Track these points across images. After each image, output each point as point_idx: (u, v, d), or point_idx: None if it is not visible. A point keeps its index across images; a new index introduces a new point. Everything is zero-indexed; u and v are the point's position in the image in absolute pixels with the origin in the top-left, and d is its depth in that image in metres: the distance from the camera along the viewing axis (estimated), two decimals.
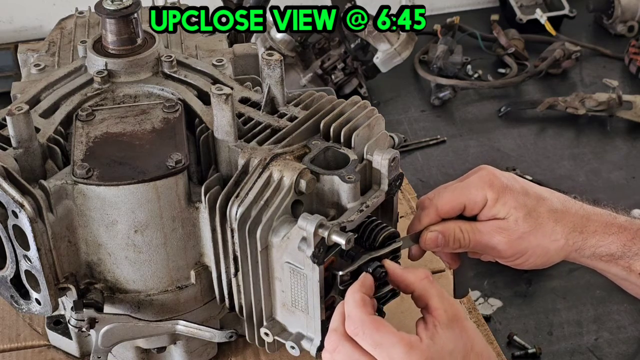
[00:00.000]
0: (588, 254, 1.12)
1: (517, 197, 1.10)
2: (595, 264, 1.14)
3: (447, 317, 0.95)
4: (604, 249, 1.12)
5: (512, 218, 1.09)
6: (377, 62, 2.41)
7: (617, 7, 2.80)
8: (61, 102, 1.17)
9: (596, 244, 1.11)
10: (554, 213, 1.11)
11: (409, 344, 0.92)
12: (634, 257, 1.12)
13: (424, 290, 0.97)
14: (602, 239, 1.11)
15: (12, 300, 1.12)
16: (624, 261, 1.12)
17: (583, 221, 1.12)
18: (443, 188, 1.13)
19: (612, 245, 1.11)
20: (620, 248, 1.11)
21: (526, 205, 1.10)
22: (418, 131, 2.38)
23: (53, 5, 2.62)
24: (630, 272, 1.13)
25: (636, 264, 1.12)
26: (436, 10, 2.97)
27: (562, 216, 1.11)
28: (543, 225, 1.10)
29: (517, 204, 1.10)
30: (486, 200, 1.10)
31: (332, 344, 0.96)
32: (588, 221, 1.12)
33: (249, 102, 1.19)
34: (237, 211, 1.03)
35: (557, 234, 1.10)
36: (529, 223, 1.09)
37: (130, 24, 1.17)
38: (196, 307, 1.18)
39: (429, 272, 0.99)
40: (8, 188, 1.02)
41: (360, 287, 0.97)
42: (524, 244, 1.10)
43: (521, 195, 1.10)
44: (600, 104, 2.35)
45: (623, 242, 1.11)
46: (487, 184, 1.11)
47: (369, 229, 1.03)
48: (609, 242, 1.11)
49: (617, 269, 1.13)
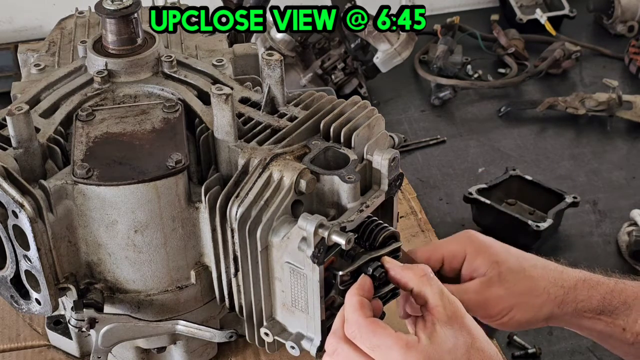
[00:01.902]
0: (571, 309, 1.11)
1: (498, 253, 1.11)
2: (580, 322, 1.13)
3: (446, 315, 0.95)
4: (586, 304, 1.11)
5: (494, 272, 1.09)
6: (377, 62, 2.41)
7: (617, 7, 2.80)
8: (61, 102, 1.17)
9: (577, 298, 1.11)
10: (535, 268, 1.11)
11: (406, 344, 0.92)
12: (615, 311, 1.12)
13: (423, 288, 0.97)
14: (582, 292, 1.11)
15: (12, 300, 1.12)
16: (606, 316, 1.12)
17: (563, 276, 1.12)
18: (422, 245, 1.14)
19: (592, 300, 1.11)
20: (601, 302, 1.11)
21: (508, 260, 1.10)
22: (418, 131, 2.38)
23: (53, 5, 2.62)
24: (614, 327, 1.12)
25: (619, 319, 1.12)
26: (436, 10, 2.96)
27: (543, 272, 1.12)
28: (526, 280, 1.10)
29: (498, 258, 1.10)
30: (465, 254, 1.10)
31: (331, 346, 0.96)
32: (567, 276, 1.13)
33: (249, 102, 1.19)
34: (237, 211, 1.03)
35: (539, 289, 1.10)
36: (513, 278, 1.09)
37: (130, 24, 1.17)
38: (196, 307, 1.18)
39: (429, 269, 0.99)
40: (8, 188, 1.02)
41: (358, 290, 0.97)
42: (510, 299, 1.09)
43: (502, 251, 1.11)
44: (600, 104, 2.35)
45: (602, 295, 1.11)
46: (466, 240, 1.12)
47: (369, 229, 1.03)
48: (589, 295, 1.11)
49: (602, 325, 1.12)
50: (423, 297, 0.97)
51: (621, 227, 1.95)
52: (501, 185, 1.99)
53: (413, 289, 0.98)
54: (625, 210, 1.99)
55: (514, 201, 2.00)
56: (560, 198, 1.93)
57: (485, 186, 1.96)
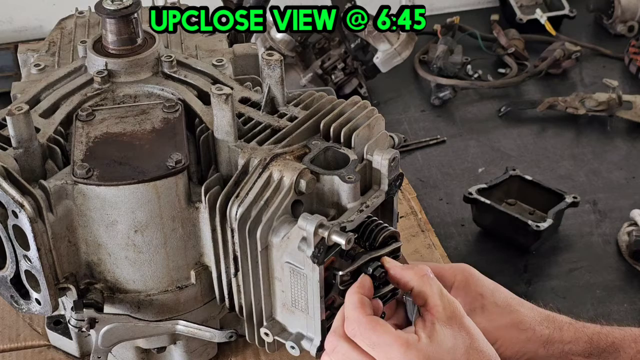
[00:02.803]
0: (557, 351, 1.10)
1: (485, 286, 1.11)
2: None
3: (446, 315, 0.95)
4: (573, 346, 1.11)
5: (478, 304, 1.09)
6: (377, 62, 2.40)
7: (617, 7, 2.79)
8: (61, 102, 1.17)
9: (563, 339, 1.11)
10: (522, 306, 1.12)
11: (406, 343, 0.92)
12: (603, 354, 1.11)
13: (423, 287, 0.97)
14: (568, 334, 1.11)
15: (12, 300, 1.12)
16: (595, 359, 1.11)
17: (549, 318, 1.12)
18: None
19: (579, 342, 1.11)
20: (588, 343, 1.11)
21: (494, 295, 1.11)
22: (418, 131, 2.37)
23: (53, 5, 2.61)
24: None
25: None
26: (436, 10, 2.96)
27: (529, 311, 1.12)
28: (512, 314, 1.10)
29: (484, 292, 1.10)
30: (453, 282, 1.10)
31: (330, 344, 0.97)
32: (554, 318, 1.13)
33: (249, 102, 1.19)
34: (237, 211, 1.03)
35: (525, 324, 1.10)
36: (498, 311, 1.09)
37: (130, 24, 1.17)
38: (196, 307, 1.18)
39: (429, 269, 0.99)
40: (8, 188, 1.02)
41: (358, 288, 0.97)
42: (494, 332, 1.08)
43: (490, 287, 1.11)
44: (600, 104, 2.35)
45: (589, 337, 1.11)
46: (459, 270, 1.12)
47: (369, 229, 1.03)
48: (576, 337, 1.11)
49: None
50: (423, 297, 0.97)
51: (621, 227, 1.94)
52: (501, 185, 1.99)
53: (413, 288, 0.98)
54: (625, 210, 1.99)
55: (514, 201, 2.00)
56: (560, 198, 1.92)
57: (485, 186, 1.95)
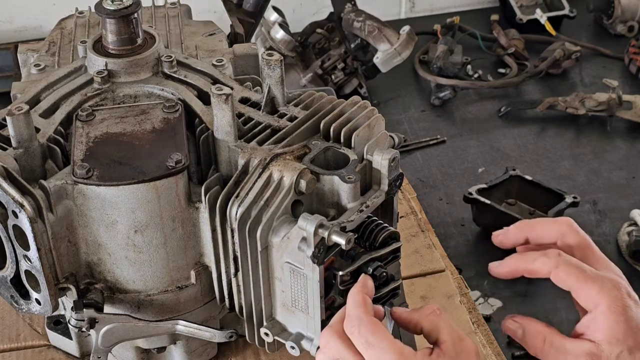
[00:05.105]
0: None
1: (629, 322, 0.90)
2: None
3: (455, 351, 0.91)
4: None
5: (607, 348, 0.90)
6: (377, 62, 2.40)
7: (617, 7, 2.79)
8: (61, 102, 1.17)
9: None
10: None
11: (401, 353, 0.89)
12: None
13: (433, 325, 0.94)
14: None
15: (12, 300, 1.12)
16: None
17: None
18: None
19: None
20: None
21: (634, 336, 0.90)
22: (418, 131, 2.37)
23: (53, 5, 2.61)
24: None
25: None
26: (436, 10, 2.96)
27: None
28: None
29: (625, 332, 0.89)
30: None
31: (324, 339, 0.95)
32: None
33: (249, 102, 1.19)
34: (237, 211, 1.03)
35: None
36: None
37: (130, 24, 1.17)
38: (196, 307, 1.18)
39: (438, 306, 0.96)
40: (8, 188, 1.02)
41: (362, 288, 0.97)
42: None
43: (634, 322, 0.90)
44: (600, 104, 2.35)
45: None
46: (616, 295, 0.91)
47: (369, 229, 1.03)
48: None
49: None
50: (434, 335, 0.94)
51: (621, 227, 1.94)
52: (501, 185, 1.99)
53: (423, 328, 0.95)
54: (625, 210, 1.99)
55: (514, 201, 2.00)
56: (560, 198, 1.92)
57: (485, 186, 1.96)
